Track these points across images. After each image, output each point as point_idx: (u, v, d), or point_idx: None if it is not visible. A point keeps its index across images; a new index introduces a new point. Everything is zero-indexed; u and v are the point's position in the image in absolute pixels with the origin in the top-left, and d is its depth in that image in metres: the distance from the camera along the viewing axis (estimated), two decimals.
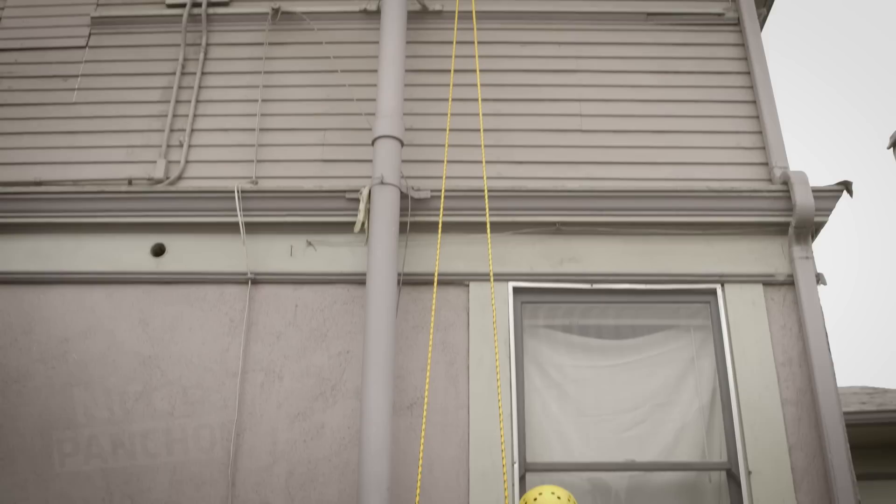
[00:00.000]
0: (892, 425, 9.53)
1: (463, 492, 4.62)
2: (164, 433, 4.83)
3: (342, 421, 4.80)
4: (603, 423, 5.00)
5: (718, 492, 4.83)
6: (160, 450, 4.80)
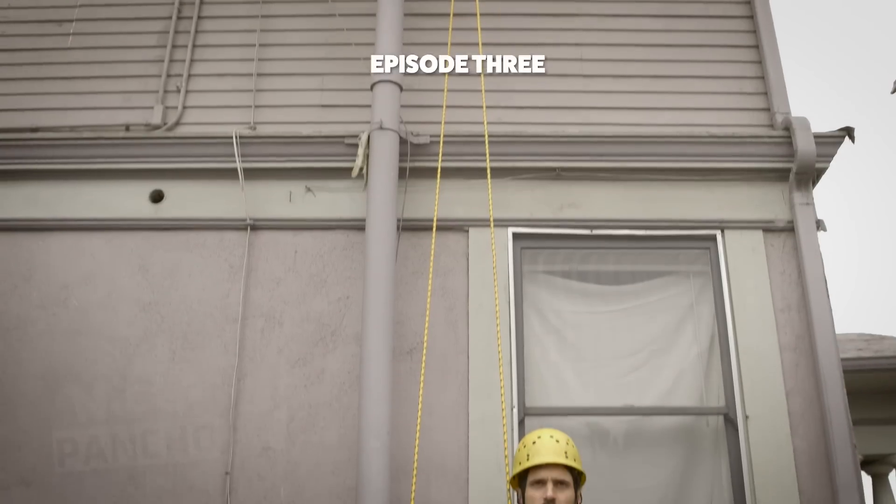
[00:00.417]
0: (888, 371, 9.60)
1: (462, 436, 4.65)
2: (166, 378, 4.86)
3: (342, 366, 4.83)
4: (601, 368, 5.03)
5: (716, 436, 4.87)
6: (161, 396, 4.83)
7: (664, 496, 4.81)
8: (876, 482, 11.93)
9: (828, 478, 4.60)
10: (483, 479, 4.53)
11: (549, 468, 3.22)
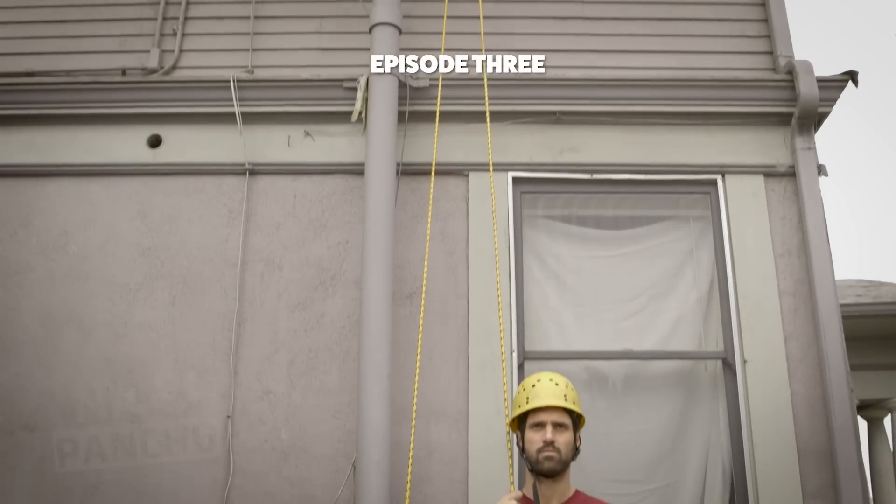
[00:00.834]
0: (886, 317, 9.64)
1: (462, 380, 4.68)
2: (166, 323, 4.87)
3: (342, 310, 4.84)
4: (601, 312, 5.04)
5: (714, 380, 4.90)
6: (162, 339, 4.84)
7: (662, 439, 4.85)
8: (871, 426, 12.06)
9: (824, 421, 4.63)
10: (483, 423, 4.57)
11: (549, 411, 3.23)
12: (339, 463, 4.56)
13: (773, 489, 4.52)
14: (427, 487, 4.51)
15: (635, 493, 4.72)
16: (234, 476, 4.58)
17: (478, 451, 4.54)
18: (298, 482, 4.57)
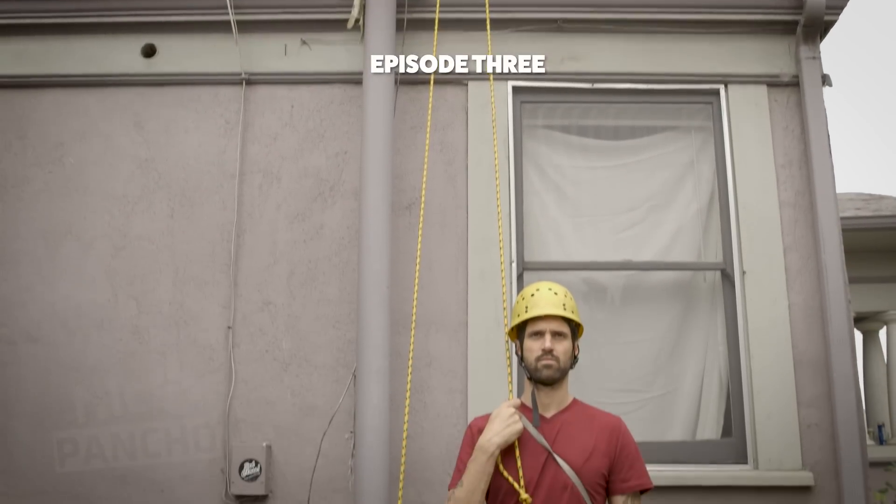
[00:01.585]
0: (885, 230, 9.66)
1: (462, 290, 4.70)
2: (165, 235, 4.86)
3: (341, 221, 4.82)
4: (600, 223, 5.03)
5: (712, 292, 4.92)
6: (162, 251, 4.84)
7: (660, 349, 4.90)
8: (867, 338, 12.19)
9: (821, 333, 4.67)
10: (482, 333, 4.60)
11: (548, 320, 3.24)
12: (340, 372, 4.60)
13: (769, 398, 4.57)
14: (426, 396, 4.56)
15: (632, 402, 4.78)
16: (236, 385, 4.63)
17: (477, 360, 4.58)
18: (299, 391, 4.62)
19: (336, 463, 4.49)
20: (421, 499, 4.42)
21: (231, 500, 4.52)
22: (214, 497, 4.54)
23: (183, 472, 4.59)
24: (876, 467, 5.49)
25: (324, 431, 4.50)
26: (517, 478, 3.15)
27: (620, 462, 3.22)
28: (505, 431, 3.14)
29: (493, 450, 3.12)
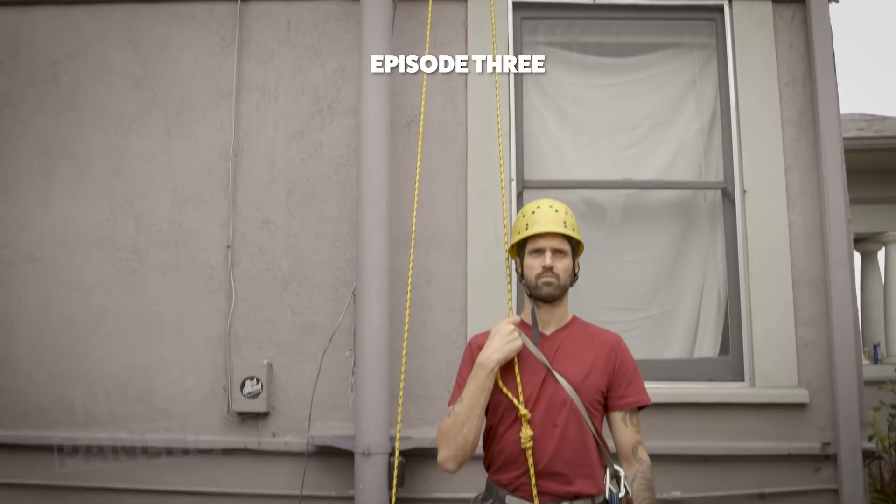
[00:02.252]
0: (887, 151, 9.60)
1: (461, 208, 4.68)
2: (162, 155, 4.82)
3: (340, 139, 4.78)
4: (600, 141, 4.99)
5: (713, 210, 4.91)
6: (159, 171, 4.81)
7: (659, 268, 4.90)
8: (865, 259, 12.23)
9: (820, 253, 4.66)
10: (481, 251, 4.60)
11: (548, 237, 3.23)
12: (339, 291, 4.61)
13: (767, 317, 4.60)
14: (426, 314, 4.58)
15: (631, 320, 4.81)
16: (237, 304, 4.65)
17: (476, 278, 4.59)
18: (299, 309, 4.64)
19: (336, 380, 4.54)
20: (421, 415, 4.47)
21: (233, 416, 4.57)
22: (216, 414, 4.60)
23: (185, 389, 4.63)
24: (870, 386, 5.57)
25: (324, 349, 4.53)
26: (516, 394, 3.17)
27: (619, 379, 3.24)
28: (504, 348, 3.15)
29: (492, 366, 3.13)
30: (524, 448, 3.11)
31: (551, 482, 3.11)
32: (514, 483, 3.15)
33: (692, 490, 4.42)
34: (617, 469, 3.21)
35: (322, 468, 4.47)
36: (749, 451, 4.47)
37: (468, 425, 3.13)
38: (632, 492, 3.16)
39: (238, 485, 4.50)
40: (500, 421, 3.21)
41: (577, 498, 3.11)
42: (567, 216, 3.28)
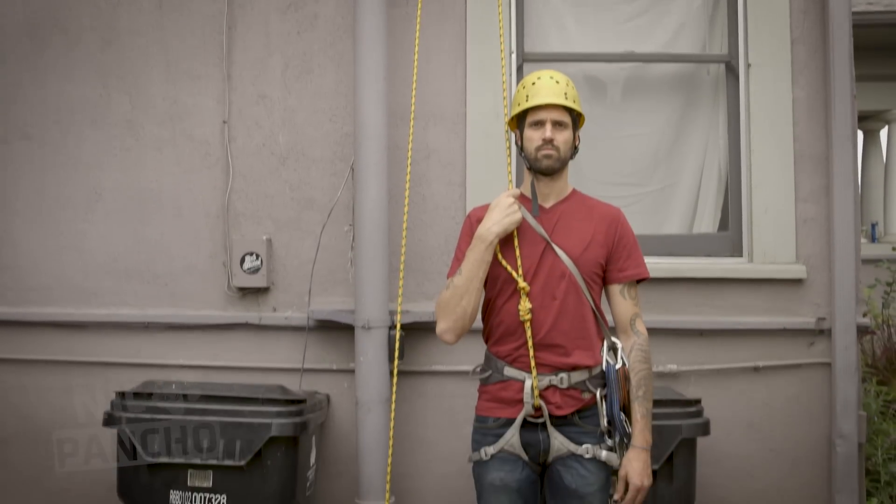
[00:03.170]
0: None
1: (460, 81, 4.59)
2: (154, 29, 4.72)
3: (336, 10, 4.64)
4: (602, 13, 4.86)
5: (716, 84, 4.83)
6: (152, 45, 4.72)
7: (660, 143, 4.85)
8: (867, 137, 12.17)
9: (824, 128, 4.60)
10: (481, 125, 4.54)
11: (548, 109, 3.18)
12: (338, 166, 4.57)
13: (767, 192, 4.58)
14: (425, 189, 4.55)
15: (631, 195, 4.78)
16: (234, 180, 4.62)
17: (475, 152, 4.54)
18: (297, 185, 4.61)
19: (336, 255, 4.54)
20: (420, 289, 4.50)
21: (233, 292, 4.60)
22: (217, 290, 4.62)
23: (185, 265, 4.65)
24: (867, 264, 5.59)
25: (323, 224, 4.52)
26: (515, 267, 3.18)
27: (618, 252, 3.24)
28: (504, 221, 3.14)
29: (491, 238, 3.13)
30: (523, 320, 3.14)
31: (549, 353, 3.15)
32: (513, 354, 3.18)
33: (688, 363, 4.49)
34: (614, 341, 3.24)
35: (323, 342, 4.53)
36: (745, 326, 4.52)
37: (467, 297, 3.15)
38: (629, 363, 3.20)
39: (240, 359, 4.57)
40: (498, 293, 3.22)
41: (575, 369, 3.16)
42: (568, 87, 3.22)
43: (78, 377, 4.64)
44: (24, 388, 4.68)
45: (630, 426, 3.17)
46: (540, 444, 3.15)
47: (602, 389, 3.17)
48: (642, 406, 3.17)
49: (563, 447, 3.14)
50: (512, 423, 3.16)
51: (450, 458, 4.39)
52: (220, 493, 3.80)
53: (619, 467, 3.16)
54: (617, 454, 3.16)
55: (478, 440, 3.24)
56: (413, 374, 4.46)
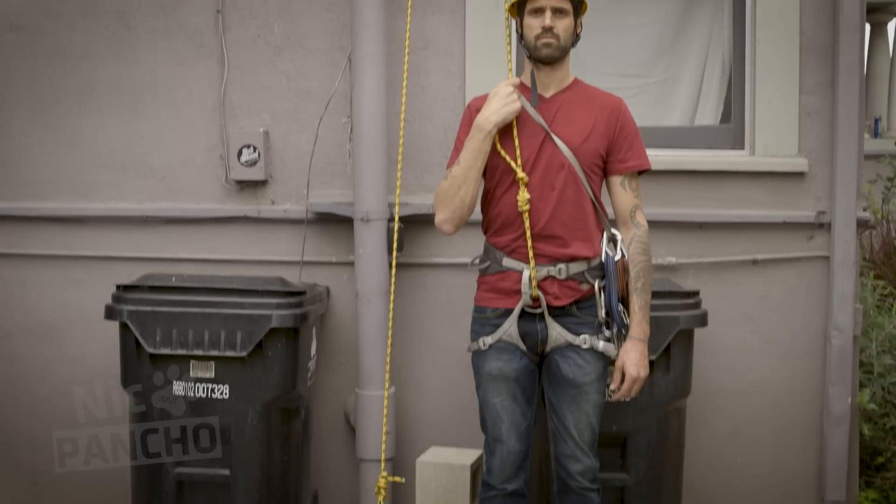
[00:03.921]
0: None
1: None
2: None
3: None
4: None
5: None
6: None
7: (663, 32, 4.76)
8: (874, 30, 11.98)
9: (831, 19, 4.48)
10: (480, 13, 4.40)
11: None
12: (335, 56, 4.48)
13: (771, 85, 4.49)
14: (423, 79, 4.46)
15: (632, 87, 4.70)
16: (229, 72, 4.53)
17: (475, 42, 4.43)
18: (294, 76, 4.53)
19: (334, 147, 4.49)
20: (419, 181, 4.46)
21: (231, 185, 4.57)
22: (215, 183, 4.59)
23: (182, 159, 4.60)
24: (869, 160, 5.55)
25: (320, 116, 4.45)
26: (514, 157, 3.16)
27: (619, 142, 3.22)
28: (503, 110, 3.11)
29: (490, 128, 3.10)
30: (521, 211, 3.14)
31: (547, 244, 3.16)
32: (511, 245, 3.19)
33: (686, 256, 4.50)
34: (614, 233, 3.24)
35: (322, 235, 4.52)
36: (744, 219, 4.50)
37: (465, 188, 3.14)
38: (628, 255, 3.21)
39: (239, 252, 4.57)
40: (497, 184, 3.22)
41: (573, 260, 3.17)
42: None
43: (78, 272, 4.65)
44: (25, 282, 4.70)
45: (628, 317, 3.20)
46: (538, 335, 3.18)
47: (600, 281, 3.19)
48: (640, 298, 3.19)
49: (561, 337, 3.17)
50: (510, 314, 3.19)
51: (449, 349, 4.44)
52: (222, 384, 3.85)
53: (616, 358, 3.20)
54: (614, 345, 3.20)
55: (476, 330, 3.27)
56: (412, 267, 4.47)
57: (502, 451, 3.23)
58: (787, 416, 4.57)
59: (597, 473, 3.28)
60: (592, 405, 3.21)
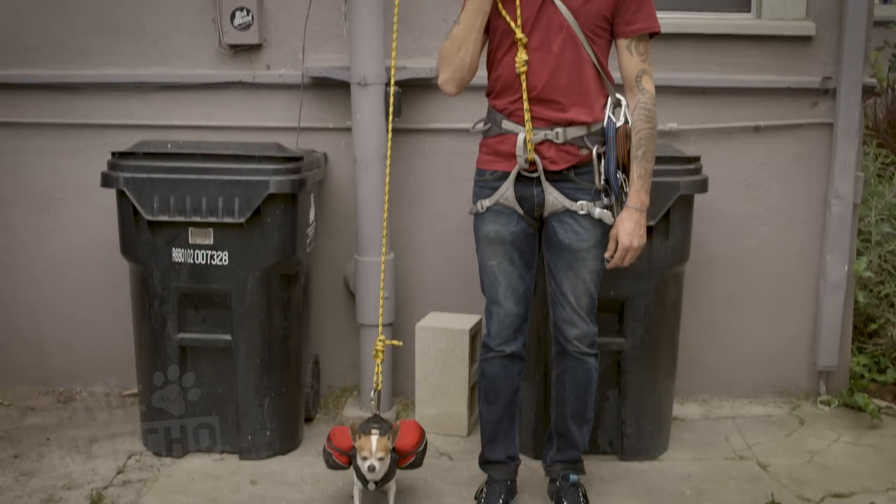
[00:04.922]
0: None
1: None
2: None
3: None
4: None
5: None
6: None
7: None
8: None
9: None
10: None
11: None
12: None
13: None
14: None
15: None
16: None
17: None
18: None
19: (329, 9, 4.35)
20: (417, 45, 4.36)
21: (225, 49, 4.46)
22: (208, 47, 4.49)
23: (173, 22, 4.48)
24: (878, 26, 5.40)
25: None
26: (514, 17, 3.08)
27: (625, 3, 3.13)
28: None
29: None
30: (518, 73, 3.07)
31: (545, 108, 3.11)
32: (510, 108, 3.15)
33: (688, 122, 4.44)
34: (619, 98, 3.19)
35: (318, 100, 4.45)
36: (748, 85, 4.43)
37: (465, 48, 3.09)
38: (631, 122, 3.16)
39: (235, 118, 4.50)
40: (498, 45, 3.16)
41: (571, 125, 3.13)
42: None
43: (73, 140, 4.58)
44: (20, 151, 4.64)
45: (628, 185, 3.16)
46: (534, 199, 3.17)
47: (600, 146, 3.14)
48: (640, 166, 3.15)
49: (558, 203, 3.16)
50: (507, 177, 3.16)
51: (447, 216, 4.43)
52: (221, 251, 3.85)
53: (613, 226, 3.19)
54: (613, 213, 3.18)
55: (476, 193, 3.27)
56: (411, 132, 4.42)
57: (499, 313, 3.26)
58: (783, 282, 4.60)
59: (594, 339, 3.31)
60: (589, 271, 3.22)
